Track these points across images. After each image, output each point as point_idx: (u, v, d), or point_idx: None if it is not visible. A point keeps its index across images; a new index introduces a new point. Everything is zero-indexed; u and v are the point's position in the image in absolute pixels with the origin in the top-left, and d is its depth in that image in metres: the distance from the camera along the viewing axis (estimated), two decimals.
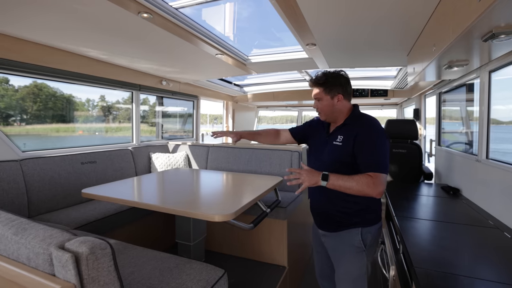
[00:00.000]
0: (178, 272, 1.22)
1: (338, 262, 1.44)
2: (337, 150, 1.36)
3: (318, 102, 1.43)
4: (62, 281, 0.63)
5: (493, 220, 1.52)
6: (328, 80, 1.39)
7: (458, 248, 1.21)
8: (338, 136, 1.38)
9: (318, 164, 1.43)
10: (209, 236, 2.45)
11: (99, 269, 0.66)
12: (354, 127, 1.35)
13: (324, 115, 1.45)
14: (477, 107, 1.87)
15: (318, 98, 1.43)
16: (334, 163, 1.36)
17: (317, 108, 1.46)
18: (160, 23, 1.78)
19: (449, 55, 1.42)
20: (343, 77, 1.41)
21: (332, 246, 1.47)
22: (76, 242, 0.66)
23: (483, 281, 0.95)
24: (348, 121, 1.40)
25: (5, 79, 2.20)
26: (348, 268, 1.40)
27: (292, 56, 2.66)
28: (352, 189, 1.23)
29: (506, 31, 1.04)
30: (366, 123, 1.35)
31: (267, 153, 2.80)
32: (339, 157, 1.35)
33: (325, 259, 1.59)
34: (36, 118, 2.52)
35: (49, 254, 0.65)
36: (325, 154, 1.42)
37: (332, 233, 1.44)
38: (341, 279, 1.42)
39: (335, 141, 1.38)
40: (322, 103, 1.41)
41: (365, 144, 1.28)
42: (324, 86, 1.39)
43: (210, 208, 1.45)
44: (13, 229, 0.72)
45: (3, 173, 1.92)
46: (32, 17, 1.63)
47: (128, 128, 3.33)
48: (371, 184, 1.20)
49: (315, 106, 1.46)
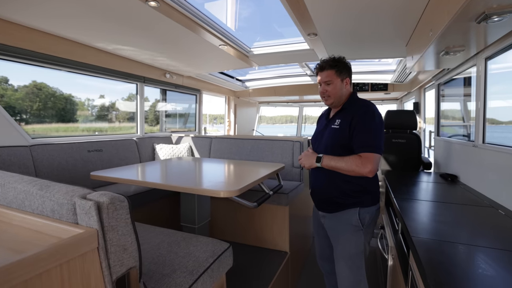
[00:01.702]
0: (185, 245, 1.27)
1: (336, 241, 1.50)
2: (336, 133, 1.43)
3: (328, 86, 1.44)
4: (86, 227, 0.68)
5: (488, 201, 1.57)
6: (340, 63, 1.43)
7: (455, 222, 1.26)
8: (337, 120, 1.46)
9: (322, 147, 1.50)
10: (213, 222, 2.50)
11: (118, 219, 0.72)
12: (351, 110, 1.43)
13: (333, 99, 1.46)
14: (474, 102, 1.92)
15: (328, 81, 1.44)
16: (333, 146, 1.44)
17: (325, 92, 1.46)
18: (167, 12, 1.84)
19: (446, 40, 1.47)
20: (348, 62, 1.49)
21: (331, 226, 1.52)
22: (97, 194, 0.72)
23: (478, 247, 1.00)
24: (346, 105, 1.48)
25: (4, 79, 2.22)
26: (346, 245, 1.45)
27: (294, 48, 2.72)
28: (342, 168, 1.35)
29: (498, 11, 1.09)
30: (363, 106, 1.42)
31: (269, 143, 2.86)
32: (338, 140, 1.42)
33: (325, 240, 1.65)
34: (36, 118, 2.54)
35: (73, 204, 0.70)
36: (325, 137, 1.49)
37: (331, 213, 1.50)
38: (339, 257, 1.47)
39: (333, 125, 1.46)
40: (333, 86, 1.44)
41: (358, 126, 1.36)
42: (336, 68, 1.42)
43: (215, 186, 1.50)
44: (37, 186, 0.78)
45: (13, 157, 1.98)
46: (41, 3, 1.68)
47: (128, 128, 3.39)
48: (359, 163, 1.30)
49: (323, 90, 1.46)
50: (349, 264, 1.44)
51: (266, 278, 1.85)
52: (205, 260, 1.17)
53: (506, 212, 1.36)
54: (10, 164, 1.95)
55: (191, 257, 1.16)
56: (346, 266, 1.44)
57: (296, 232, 2.44)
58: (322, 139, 1.52)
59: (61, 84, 2.67)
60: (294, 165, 2.72)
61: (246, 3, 2.87)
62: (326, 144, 1.47)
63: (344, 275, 1.45)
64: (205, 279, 1.12)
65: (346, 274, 1.45)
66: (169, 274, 1.04)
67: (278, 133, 8.01)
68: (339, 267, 1.47)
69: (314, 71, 1.55)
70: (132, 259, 0.77)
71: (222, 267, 1.26)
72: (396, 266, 1.49)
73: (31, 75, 2.42)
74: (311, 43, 2.44)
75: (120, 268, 0.74)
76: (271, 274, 1.91)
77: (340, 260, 1.47)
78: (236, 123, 5.42)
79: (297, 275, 2.43)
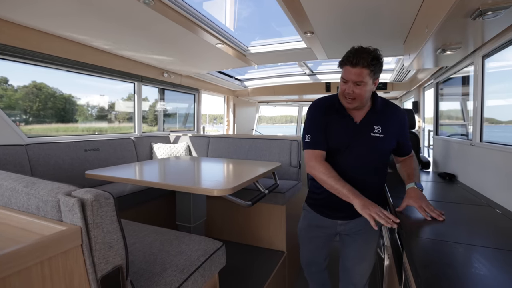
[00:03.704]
0: (177, 243, 1.27)
1: (361, 243, 1.46)
2: (379, 143, 1.29)
3: (357, 87, 1.18)
4: (69, 225, 0.68)
5: (485, 200, 1.55)
6: (377, 61, 1.17)
7: (451, 221, 1.24)
8: (375, 126, 1.29)
9: (361, 154, 1.31)
10: (209, 221, 2.50)
11: (102, 216, 0.71)
12: (390, 116, 1.32)
13: (358, 102, 1.22)
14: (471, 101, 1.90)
15: (359, 82, 1.18)
16: (374, 155, 1.33)
17: (351, 94, 1.20)
18: (162, 10, 1.84)
19: (442, 37, 1.46)
20: (382, 58, 1.24)
21: (356, 230, 1.45)
22: (82, 191, 0.71)
23: (474, 246, 0.98)
24: (379, 107, 1.31)
25: (4, 79, 2.22)
26: (371, 244, 1.46)
27: (291, 46, 2.71)
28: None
29: (493, 7, 1.07)
30: (400, 111, 1.37)
31: (267, 143, 2.85)
32: (380, 149, 1.32)
33: (323, 249, 1.59)
34: (36, 118, 2.53)
35: (57, 201, 0.70)
36: (366, 146, 1.30)
37: (357, 218, 1.40)
38: (364, 256, 1.47)
39: (373, 133, 1.29)
40: (363, 89, 1.19)
41: (405, 134, 1.38)
42: (372, 67, 1.16)
43: (209, 185, 1.49)
44: (23, 183, 0.77)
45: (9, 157, 1.98)
46: (36, 2, 1.68)
47: (128, 128, 3.39)
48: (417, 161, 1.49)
49: (349, 91, 1.20)
50: (371, 264, 1.47)
51: (263, 277, 1.84)
52: (196, 259, 1.16)
53: (502, 211, 1.35)
54: (6, 163, 1.94)
55: (182, 256, 1.15)
56: (368, 267, 1.47)
57: (293, 232, 2.42)
58: (356, 146, 1.29)
59: (61, 84, 2.68)
60: (291, 164, 2.71)
61: (245, 3, 2.86)
62: (362, 152, 1.30)
63: (364, 272, 1.47)
64: (196, 278, 1.11)
65: (367, 274, 1.48)
66: (159, 272, 1.03)
67: (278, 133, 8.00)
68: (361, 269, 1.47)
69: (339, 62, 1.24)
70: (118, 257, 0.76)
71: (215, 266, 1.25)
72: (391, 265, 1.48)
73: (30, 75, 2.43)
74: (308, 42, 2.43)
75: (105, 266, 0.73)
76: (267, 273, 1.90)
77: (364, 262, 1.47)
78: (235, 123, 5.41)
79: (294, 275, 2.42)
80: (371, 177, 1.35)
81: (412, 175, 1.34)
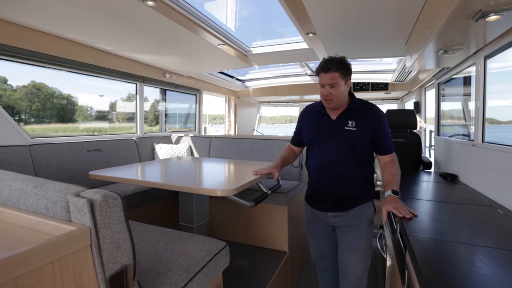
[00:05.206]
0: (182, 243, 1.28)
1: (352, 235, 1.51)
2: (352, 135, 1.44)
3: (332, 89, 1.37)
4: (79, 225, 0.69)
5: (487, 200, 1.56)
6: (345, 65, 1.38)
7: (453, 221, 1.25)
8: (349, 121, 1.45)
9: (332, 147, 1.47)
10: (212, 222, 2.50)
11: (111, 217, 0.72)
12: (365, 114, 1.45)
13: (335, 102, 1.41)
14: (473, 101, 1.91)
15: (333, 84, 1.37)
16: (347, 146, 1.45)
17: (328, 95, 1.39)
18: (165, 11, 1.85)
19: (444, 38, 1.46)
20: (349, 63, 1.45)
21: (347, 223, 1.51)
22: (90, 192, 0.72)
23: (476, 246, 0.99)
24: (354, 106, 1.47)
25: (3, 79, 2.22)
26: (362, 239, 1.50)
27: (293, 47, 2.72)
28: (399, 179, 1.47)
29: (496, 9, 1.08)
30: (377, 111, 1.48)
31: (268, 143, 2.85)
32: (353, 142, 1.44)
33: (324, 241, 1.65)
34: (35, 118, 2.53)
35: (66, 202, 0.71)
36: (337, 138, 1.46)
37: (347, 211, 1.50)
38: (355, 250, 1.50)
39: (347, 127, 1.45)
40: (337, 89, 1.37)
41: (381, 132, 1.45)
42: (341, 70, 1.36)
43: (212, 185, 1.50)
44: (32, 184, 0.78)
45: (13, 157, 1.99)
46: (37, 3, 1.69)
47: (128, 128, 3.39)
48: (397, 165, 1.51)
49: (327, 93, 1.39)
50: (363, 256, 1.50)
51: (265, 278, 1.85)
52: (201, 259, 1.17)
53: (504, 211, 1.35)
54: (9, 163, 1.95)
55: (187, 256, 1.16)
56: (361, 258, 1.49)
57: (295, 232, 2.43)
58: (332, 139, 1.48)
59: (60, 84, 2.68)
60: (293, 164, 2.72)
61: (246, 3, 2.87)
62: (338, 144, 1.46)
63: (358, 267, 1.50)
64: (201, 277, 1.12)
65: (360, 265, 1.50)
66: (164, 272, 1.04)
67: (279, 133, 8.01)
68: (353, 260, 1.50)
69: (315, 71, 1.47)
70: (126, 257, 0.77)
71: (219, 266, 1.26)
72: (394, 266, 1.49)
73: (30, 75, 2.43)
74: (310, 43, 2.44)
75: (113, 265, 0.74)
76: (270, 273, 1.90)
77: (356, 253, 1.50)
78: (236, 123, 5.42)
79: (297, 275, 2.42)
80: (348, 168, 1.46)
81: (391, 183, 1.43)
